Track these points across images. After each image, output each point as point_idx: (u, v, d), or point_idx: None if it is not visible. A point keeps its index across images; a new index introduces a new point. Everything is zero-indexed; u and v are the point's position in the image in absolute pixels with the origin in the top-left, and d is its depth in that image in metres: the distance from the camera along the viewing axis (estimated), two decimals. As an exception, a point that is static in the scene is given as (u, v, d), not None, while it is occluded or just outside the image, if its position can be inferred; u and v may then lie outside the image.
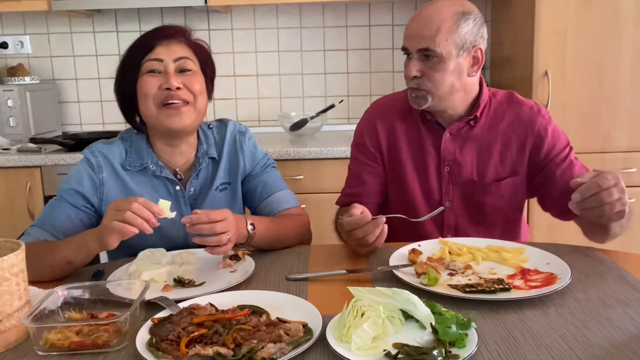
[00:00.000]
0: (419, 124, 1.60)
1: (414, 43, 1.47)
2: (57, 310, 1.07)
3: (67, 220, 1.43)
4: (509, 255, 1.30)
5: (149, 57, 1.42)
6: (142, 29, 3.15)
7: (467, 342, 0.91)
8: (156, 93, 1.41)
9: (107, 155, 1.49)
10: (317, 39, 3.17)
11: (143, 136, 1.52)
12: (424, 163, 1.59)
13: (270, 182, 1.59)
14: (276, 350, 0.90)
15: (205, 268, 1.34)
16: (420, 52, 1.46)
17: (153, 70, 1.42)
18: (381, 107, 1.69)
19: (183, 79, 1.43)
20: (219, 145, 1.57)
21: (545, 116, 1.56)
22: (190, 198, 1.52)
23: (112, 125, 3.20)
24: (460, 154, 1.57)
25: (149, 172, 1.49)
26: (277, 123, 3.07)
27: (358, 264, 1.34)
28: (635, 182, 2.57)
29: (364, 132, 1.66)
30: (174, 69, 1.43)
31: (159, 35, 1.45)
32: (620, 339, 0.96)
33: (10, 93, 2.86)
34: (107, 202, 1.46)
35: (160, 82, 1.41)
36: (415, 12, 1.51)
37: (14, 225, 2.62)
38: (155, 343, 0.94)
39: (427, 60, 1.46)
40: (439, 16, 1.45)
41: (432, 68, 1.46)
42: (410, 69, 1.48)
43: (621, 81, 2.54)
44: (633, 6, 2.48)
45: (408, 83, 1.52)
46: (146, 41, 1.45)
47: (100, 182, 1.47)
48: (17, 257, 1.02)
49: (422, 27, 1.46)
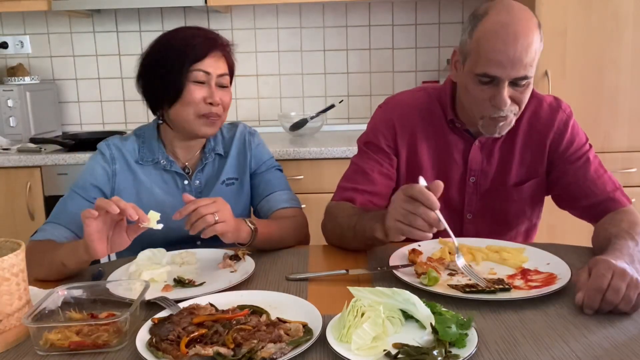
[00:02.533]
0: (445, 131, 1.49)
1: (511, 72, 1.28)
2: (57, 310, 1.07)
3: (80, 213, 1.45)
4: (509, 255, 1.30)
5: (198, 67, 1.46)
6: (142, 29, 3.15)
7: (467, 342, 0.91)
8: (199, 104, 1.47)
9: (121, 149, 1.56)
10: (317, 39, 3.18)
11: (154, 132, 1.58)
12: (447, 172, 1.50)
13: (272, 181, 1.62)
14: (276, 350, 0.90)
15: (205, 268, 1.34)
16: (515, 80, 1.30)
17: (199, 81, 1.47)
18: (400, 107, 1.54)
19: (221, 94, 1.50)
20: (228, 143, 1.63)
21: (566, 110, 1.49)
22: (196, 190, 1.57)
23: (112, 125, 3.20)
24: (488, 164, 1.49)
25: (159, 167, 1.56)
26: (277, 123, 3.07)
27: (358, 264, 1.34)
28: (635, 182, 2.57)
29: (380, 131, 1.52)
30: (216, 83, 1.49)
31: (212, 46, 1.48)
32: (620, 339, 0.96)
33: (10, 93, 2.86)
34: (118, 192, 1.52)
35: (204, 94, 1.47)
36: (499, 29, 1.28)
37: (14, 225, 2.62)
38: (155, 343, 0.94)
39: (516, 85, 1.32)
40: (532, 35, 1.28)
41: (521, 93, 1.33)
42: (505, 99, 1.31)
43: (621, 81, 2.54)
44: (633, 6, 2.48)
45: (491, 112, 1.34)
46: (197, 48, 1.46)
47: (113, 173, 1.53)
48: (17, 257, 1.02)
49: (522, 52, 1.27)
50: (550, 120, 1.48)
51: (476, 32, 1.32)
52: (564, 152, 1.48)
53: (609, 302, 1.03)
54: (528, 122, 1.48)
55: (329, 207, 1.52)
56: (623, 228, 1.28)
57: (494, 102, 1.33)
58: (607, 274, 1.04)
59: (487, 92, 1.33)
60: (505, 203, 1.52)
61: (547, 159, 1.49)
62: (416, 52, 3.18)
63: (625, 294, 1.02)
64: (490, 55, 1.28)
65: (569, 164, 1.47)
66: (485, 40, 1.29)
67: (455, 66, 1.43)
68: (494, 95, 1.32)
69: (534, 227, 1.61)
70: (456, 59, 1.42)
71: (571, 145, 1.48)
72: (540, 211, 1.59)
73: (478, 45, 1.31)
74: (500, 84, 1.30)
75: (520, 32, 1.27)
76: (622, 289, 1.02)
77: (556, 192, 1.52)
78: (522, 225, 1.57)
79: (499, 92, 1.31)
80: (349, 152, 2.55)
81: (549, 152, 1.49)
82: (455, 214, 1.52)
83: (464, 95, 1.41)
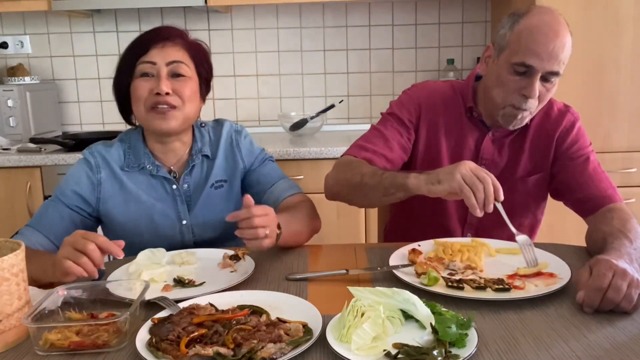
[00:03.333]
0: (462, 118, 1.57)
1: (547, 65, 1.37)
2: (57, 310, 1.07)
3: (60, 221, 1.45)
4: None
5: (142, 60, 1.44)
6: (142, 29, 3.14)
7: (467, 342, 0.91)
8: (147, 97, 1.44)
9: (106, 157, 1.52)
10: (317, 39, 3.17)
11: (140, 137, 1.54)
12: (461, 157, 1.53)
13: (270, 174, 1.61)
14: (276, 350, 0.90)
15: (205, 268, 1.34)
16: (548, 75, 1.38)
17: (146, 74, 1.44)
18: (427, 90, 1.61)
19: (174, 84, 1.44)
20: (214, 144, 1.59)
21: (574, 114, 1.57)
22: (185, 195, 1.54)
23: (112, 125, 3.20)
24: (499, 155, 1.56)
25: (146, 172, 1.52)
26: (277, 123, 3.07)
27: (358, 264, 1.34)
28: (635, 182, 2.57)
29: (405, 107, 1.58)
30: (166, 72, 1.44)
31: (155, 37, 1.46)
32: (620, 339, 0.96)
33: (10, 93, 2.86)
34: (104, 202, 1.50)
35: (151, 86, 1.43)
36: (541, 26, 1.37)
37: (14, 225, 2.61)
38: (155, 343, 0.94)
39: (546, 81, 1.40)
40: (568, 37, 1.38)
41: (547, 90, 1.42)
42: (536, 89, 1.38)
43: (621, 81, 2.54)
44: (633, 6, 2.48)
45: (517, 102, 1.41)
46: (141, 43, 1.46)
47: (98, 182, 1.49)
48: (17, 257, 1.02)
49: (559, 48, 1.36)
50: (559, 120, 1.56)
51: (518, 25, 1.40)
52: (567, 149, 1.54)
53: (610, 301, 1.04)
54: (539, 121, 1.56)
55: (346, 159, 1.52)
56: (615, 226, 1.31)
57: (525, 91, 1.40)
58: (608, 273, 1.05)
59: (519, 82, 1.40)
60: (511, 194, 1.53)
61: (553, 155, 1.56)
62: (416, 52, 3.18)
63: (626, 293, 1.03)
64: (531, 46, 1.36)
65: (570, 160, 1.54)
66: (527, 33, 1.38)
67: (486, 61, 1.51)
68: (525, 86, 1.39)
69: (537, 223, 1.66)
70: (488, 54, 1.50)
71: (575, 144, 1.54)
72: (543, 208, 1.65)
73: (519, 37, 1.39)
74: (534, 75, 1.38)
75: (560, 31, 1.37)
76: (624, 288, 1.03)
77: (554, 185, 1.58)
78: (526, 218, 1.61)
79: (531, 83, 1.39)
80: (349, 152, 2.54)
81: (555, 148, 1.55)
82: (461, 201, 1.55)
83: (493, 84, 1.46)
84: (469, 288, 1.13)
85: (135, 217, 1.50)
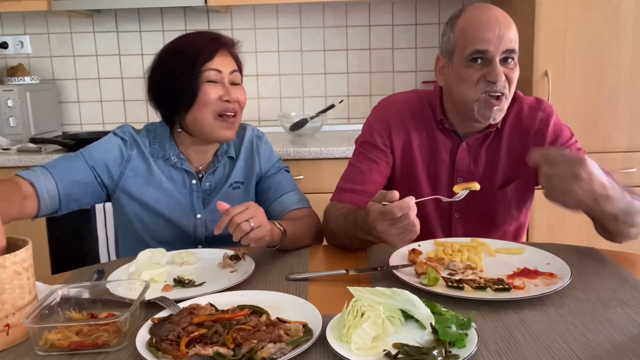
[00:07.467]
0: (434, 130, 1.54)
1: (499, 46, 1.38)
2: (57, 310, 1.07)
3: (76, 174, 1.47)
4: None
5: (208, 67, 1.46)
6: (142, 29, 3.15)
7: (467, 342, 0.91)
8: (216, 103, 1.46)
9: (136, 138, 1.56)
10: (317, 39, 3.18)
11: (166, 131, 1.56)
12: (437, 171, 1.54)
13: (282, 183, 1.63)
14: (276, 350, 0.90)
15: (205, 268, 1.34)
16: (505, 54, 1.39)
17: (213, 80, 1.46)
18: (394, 107, 1.59)
19: (235, 92, 1.49)
20: (238, 146, 1.63)
21: (545, 110, 1.53)
22: (205, 193, 1.57)
23: (112, 125, 3.18)
24: (475, 165, 1.53)
25: (169, 163, 1.56)
26: (277, 123, 3.07)
27: (358, 264, 1.34)
28: (635, 182, 2.57)
29: (376, 130, 1.56)
30: (228, 81, 1.48)
31: (218, 44, 1.49)
32: (620, 339, 0.96)
33: (10, 93, 2.86)
34: (126, 178, 1.52)
35: (220, 92, 1.46)
36: (480, 15, 1.41)
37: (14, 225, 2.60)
38: (155, 343, 0.94)
39: (505, 63, 1.40)
40: (510, 19, 1.41)
41: (511, 70, 1.41)
42: (499, 70, 1.38)
43: (621, 81, 2.54)
44: (633, 6, 2.48)
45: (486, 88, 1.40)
46: (205, 49, 1.47)
47: (128, 158, 1.53)
48: (27, 252, 1.03)
49: (505, 28, 1.38)
50: (530, 120, 1.52)
51: (457, 25, 1.43)
52: None
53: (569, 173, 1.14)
54: (511, 125, 1.53)
55: (327, 208, 1.55)
56: None
57: (490, 77, 1.39)
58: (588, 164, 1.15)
59: (480, 70, 1.40)
60: (491, 205, 1.54)
61: None
62: (416, 52, 3.18)
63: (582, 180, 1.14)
64: (478, 34, 1.38)
65: None
66: (469, 26, 1.40)
67: (441, 72, 1.50)
68: (488, 72, 1.39)
69: (522, 227, 1.63)
70: (441, 65, 1.50)
71: (555, 141, 1.51)
72: (527, 210, 1.61)
73: (463, 32, 1.41)
74: (492, 60, 1.38)
75: (499, 16, 1.40)
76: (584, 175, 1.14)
77: None
78: (510, 225, 1.59)
79: (493, 67, 1.38)
80: (349, 152, 2.54)
81: None
82: (444, 213, 1.56)
83: (456, 85, 1.45)
84: (469, 288, 1.13)
85: (154, 201, 1.54)
